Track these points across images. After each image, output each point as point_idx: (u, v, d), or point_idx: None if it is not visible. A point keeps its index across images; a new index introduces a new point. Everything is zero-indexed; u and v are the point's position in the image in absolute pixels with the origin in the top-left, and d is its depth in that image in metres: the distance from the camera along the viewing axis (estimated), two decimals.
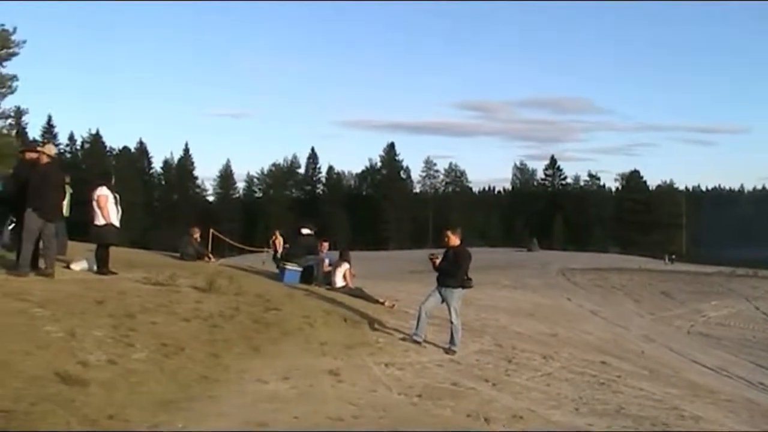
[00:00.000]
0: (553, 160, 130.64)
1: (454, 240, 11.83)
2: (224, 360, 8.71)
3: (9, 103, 27.85)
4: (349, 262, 16.61)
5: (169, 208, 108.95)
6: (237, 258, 29.03)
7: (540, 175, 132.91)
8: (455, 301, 11.58)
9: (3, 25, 23.90)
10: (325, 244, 18.12)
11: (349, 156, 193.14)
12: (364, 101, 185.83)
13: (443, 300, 11.65)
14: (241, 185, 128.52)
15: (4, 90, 25.51)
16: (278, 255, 20.93)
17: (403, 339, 11.71)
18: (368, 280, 18.51)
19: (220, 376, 8.03)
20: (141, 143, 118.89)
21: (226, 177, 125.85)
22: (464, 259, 11.69)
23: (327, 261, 16.86)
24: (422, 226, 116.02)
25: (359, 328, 12.13)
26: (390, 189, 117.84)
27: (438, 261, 11.77)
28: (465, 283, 11.66)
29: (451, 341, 11.49)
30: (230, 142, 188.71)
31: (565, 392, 9.80)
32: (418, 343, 11.50)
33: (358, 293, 15.58)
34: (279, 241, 22.95)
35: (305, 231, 17.46)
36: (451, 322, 11.51)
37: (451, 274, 11.64)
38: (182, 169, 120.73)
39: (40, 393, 6.26)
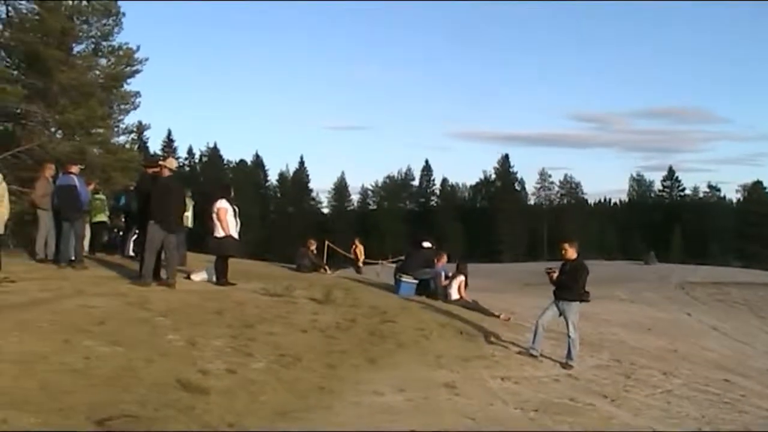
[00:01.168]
0: (671, 171, 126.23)
1: (571, 253, 11.65)
2: (340, 371, 8.84)
3: (132, 119, 29.17)
4: (465, 275, 16.57)
5: (284, 220, 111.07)
6: (352, 270, 29.35)
7: (657, 186, 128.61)
8: (573, 314, 11.40)
9: (127, 43, 25.04)
10: (444, 258, 18.15)
11: (463, 168, 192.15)
12: (479, 113, 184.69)
13: (560, 314, 11.49)
14: (355, 197, 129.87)
15: (127, 106, 26.71)
16: (360, 264, 21.00)
17: (520, 353, 11.59)
18: (483, 292, 18.38)
19: (336, 387, 8.16)
20: (257, 156, 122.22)
21: (340, 189, 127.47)
22: (582, 272, 11.50)
23: (443, 274, 16.84)
24: (537, 238, 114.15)
25: (475, 341, 12.08)
26: (504, 201, 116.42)
27: (555, 275, 11.61)
28: (582, 297, 11.47)
29: (568, 355, 11.30)
30: (345, 154, 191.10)
31: (686, 410, 9.44)
32: (535, 356, 11.36)
33: (473, 306, 15.49)
34: (360, 249, 23.08)
35: (426, 244, 17.49)
36: (569, 336, 11.32)
37: (569, 287, 11.45)
38: (297, 181, 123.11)
39: (163, 399, 6.55)
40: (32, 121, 22.62)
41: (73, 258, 14.20)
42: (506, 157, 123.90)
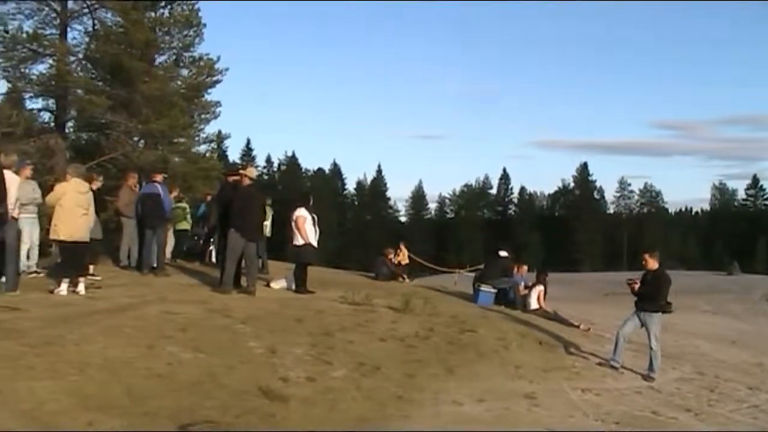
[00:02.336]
0: (755, 180, 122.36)
1: (652, 263, 11.44)
2: (419, 380, 8.84)
3: (212, 128, 29.72)
4: (545, 285, 16.44)
5: (362, 228, 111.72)
6: (429, 278, 29.27)
7: (741, 195, 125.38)
8: (655, 326, 11.19)
9: (208, 54, 25.55)
10: (524, 267, 18.01)
11: (542, 176, 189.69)
12: (557, 121, 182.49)
13: (642, 324, 11.29)
14: (432, 206, 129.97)
15: (208, 116, 27.22)
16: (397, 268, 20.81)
17: (600, 364, 11.39)
18: (562, 302, 18.12)
19: (415, 397, 8.16)
20: (335, 165, 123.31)
21: (418, 198, 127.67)
22: (664, 282, 11.28)
23: (522, 284, 16.71)
24: (616, 247, 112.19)
25: (554, 352, 11.92)
26: (583, 210, 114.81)
27: (637, 286, 11.40)
28: (665, 308, 11.26)
29: (650, 367, 11.07)
30: (423, 162, 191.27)
31: None
32: (616, 368, 11.17)
33: (552, 316, 15.33)
34: (404, 253, 22.93)
35: (502, 253, 17.39)
36: (651, 348, 11.10)
37: (651, 298, 11.25)
38: (375, 190, 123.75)
39: (244, 406, 6.67)
40: (116, 131, 23.25)
41: (155, 265, 14.58)
42: (585, 166, 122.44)
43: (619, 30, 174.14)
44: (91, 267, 13.03)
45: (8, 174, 11.13)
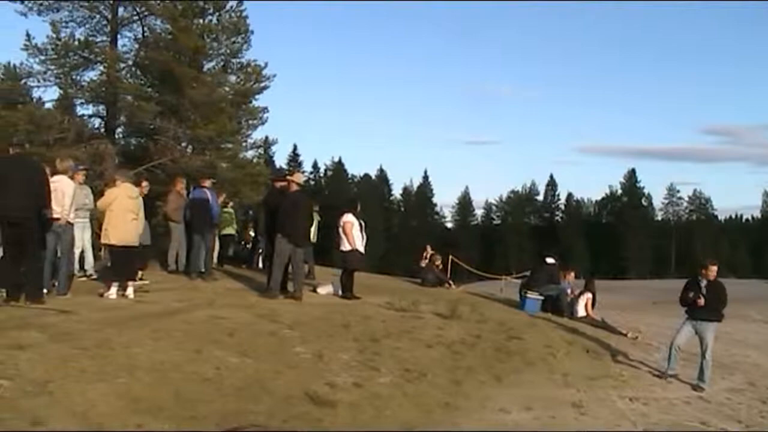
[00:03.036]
0: None
1: (714, 273, 11.29)
2: (466, 387, 8.81)
3: (259, 134, 30.03)
4: (593, 292, 16.30)
5: (408, 234, 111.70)
6: (475, 284, 29.16)
7: None
8: (710, 335, 11.08)
9: (256, 60, 25.81)
10: (571, 274, 17.88)
11: (589, 183, 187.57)
12: (605, 127, 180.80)
13: (696, 333, 11.14)
14: (479, 212, 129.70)
15: (255, 122, 27.48)
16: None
17: (659, 375, 11.22)
18: (609, 310, 17.89)
19: (462, 404, 8.14)
20: (381, 170, 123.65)
21: (464, 204, 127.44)
22: (724, 292, 11.14)
23: (569, 290, 16.58)
24: (664, 255, 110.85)
25: (602, 360, 11.80)
26: (630, 217, 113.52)
27: (701, 301, 11.19)
28: (720, 317, 11.14)
29: (700, 377, 10.89)
30: (469, 168, 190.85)
31: None
32: (671, 377, 11.03)
33: (600, 324, 15.18)
34: (432, 256, 22.77)
35: (549, 260, 17.28)
36: (704, 357, 10.95)
37: (712, 308, 11.10)
38: (421, 195, 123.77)
39: (291, 411, 6.71)
40: (165, 137, 23.56)
41: (203, 270, 14.75)
42: (633, 172, 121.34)
43: (669, 34, 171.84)
44: (140, 271, 13.23)
45: (64, 179, 11.37)
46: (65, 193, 11.22)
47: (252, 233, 20.27)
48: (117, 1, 23.34)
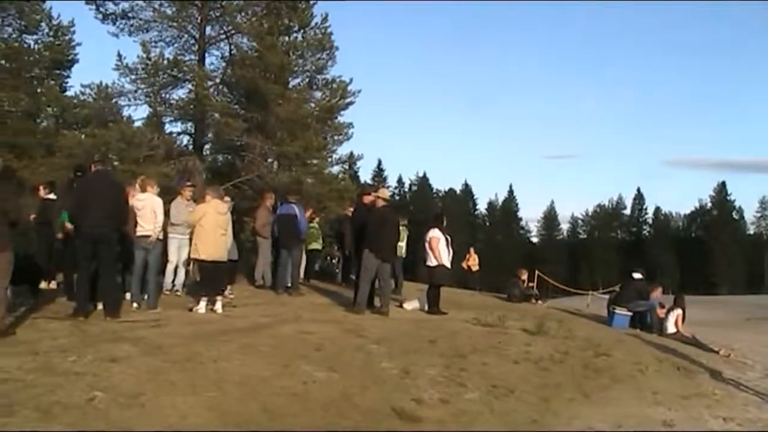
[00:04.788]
0: None
1: None
2: (554, 405, 8.65)
3: (345, 149, 30.32)
4: (683, 308, 15.88)
5: (493, 249, 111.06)
6: (562, 300, 28.75)
7: None
8: None
9: (341, 76, 26.15)
10: (659, 289, 17.47)
11: (677, 196, 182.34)
12: (693, 139, 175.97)
13: None
14: (565, 226, 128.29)
15: (340, 137, 27.82)
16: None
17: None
18: (700, 326, 17.36)
19: (550, 421, 7.99)
20: (466, 185, 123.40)
21: (550, 218, 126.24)
22: None
23: (657, 306, 16.20)
24: (757, 269, 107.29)
25: (693, 378, 11.41)
26: (721, 231, 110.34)
27: None
28: None
29: None
30: (554, 182, 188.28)
31: None
32: None
33: (690, 340, 14.75)
34: (474, 259, 22.26)
35: (636, 275, 16.92)
36: None
37: None
38: (506, 210, 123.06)
39: (377, 427, 6.71)
40: (252, 153, 24.07)
41: (290, 284, 14.92)
42: (723, 185, 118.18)
43: (761, 40, 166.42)
44: (228, 286, 13.48)
45: (152, 197, 11.69)
46: (155, 210, 11.54)
47: (336, 248, 20.43)
48: (205, 21, 24.01)
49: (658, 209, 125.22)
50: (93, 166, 11.56)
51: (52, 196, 12.84)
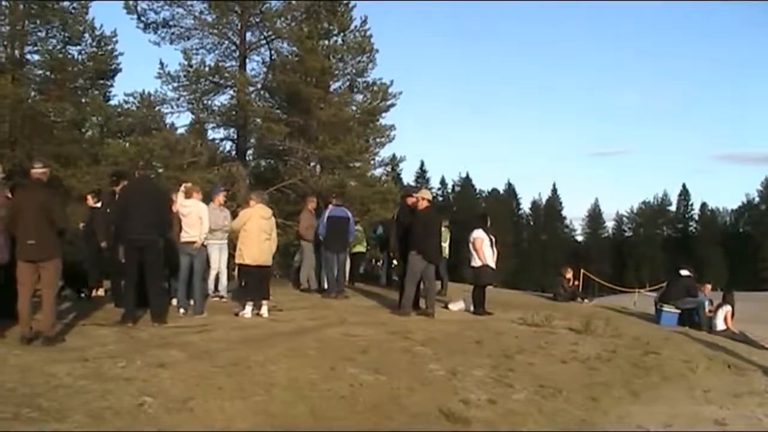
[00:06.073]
0: None
1: None
2: (603, 404, 8.54)
3: (387, 152, 30.40)
4: (732, 305, 15.63)
5: (538, 248, 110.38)
6: (608, 298, 28.44)
7: None
8: None
9: (381, 79, 26.20)
10: (708, 286, 17.20)
11: (724, 191, 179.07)
12: (739, 133, 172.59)
13: None
14: (610, 224, 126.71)
15: (382, 139, 27.87)
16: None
17: None
18: (750, 323, 17.05)
19: (599, 421, 7.89)
20: (509, 185, 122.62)
21: (594, 216, 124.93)
22: None
23: (707, 303, 15.95)
24: None
25: (745, 375, 11.17)
26: None
27: None
28: None
29: None
30: (598, 180, 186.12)
31: None
32: None
33: (740, 338, 14.49)
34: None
35: (684, 272, 16.66)
36: None
37: None
38: (550, 209, 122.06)
39: (425, 428, 6.67)
40: (294, 157, 24.25)
41: (335, 287, 14.94)
42: None
43: None
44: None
45: (198, 203, 11.81)
46: (201, 217, 11.65)
47: (380, 250, 20.45)
48: (245, 27, 24.23)
49: (704, 205, 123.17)
50: (137, 172, 11.70)
51: (99, 204, 13.03)
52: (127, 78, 48.71)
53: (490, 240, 13.97)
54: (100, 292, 13.18)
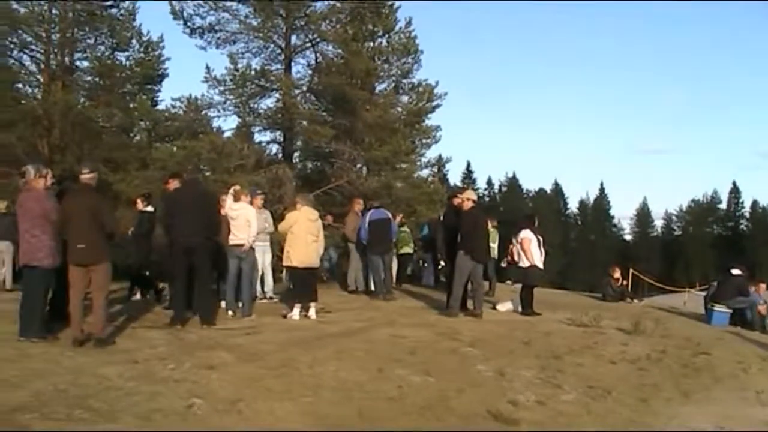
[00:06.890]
0: None
1: None
2: (653, 405, 8.41)
3: (433, 153, 30.36)
4: None
5: (586, 248, 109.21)
6: (658, 298, 28.01)
7: None
8: None
9: (427, 79, 26.18)
10: (762, 286, 16.86)
11: None
12: None
13: None
14: (658, 223, 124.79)
15: (428, 140, 27.83)
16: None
17: None
18: None
19: (649, 422, 7.75)
20: (556, 184, 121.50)
21: (643, 215, 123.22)
22: None
23: (760, 303, 15.63)
24: None
25: None
26: None
27: None
28: None
29: None
30: (646, 178, 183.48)
31: None
32: None
33: None
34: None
35: (735, 271, 16.35)
36: None
37: None
38: (598, 208, 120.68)
39: (473, 430, 6.62)
40: (340, 159, 24.29)
41: (382, 289, 14.95)
42: None
43: None
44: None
45: (247, 207, 11.91)
46: (249, 220, 11.74)
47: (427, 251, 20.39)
48: (290, 30, 24.34)
49: (755, 202, 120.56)
50: (185, 175, 11.84)
51: (149, 208, 13.22)
52: (174, 83, 49.38)
53: (538, 240, 13.88)
54: (149, 295, 13.35)
